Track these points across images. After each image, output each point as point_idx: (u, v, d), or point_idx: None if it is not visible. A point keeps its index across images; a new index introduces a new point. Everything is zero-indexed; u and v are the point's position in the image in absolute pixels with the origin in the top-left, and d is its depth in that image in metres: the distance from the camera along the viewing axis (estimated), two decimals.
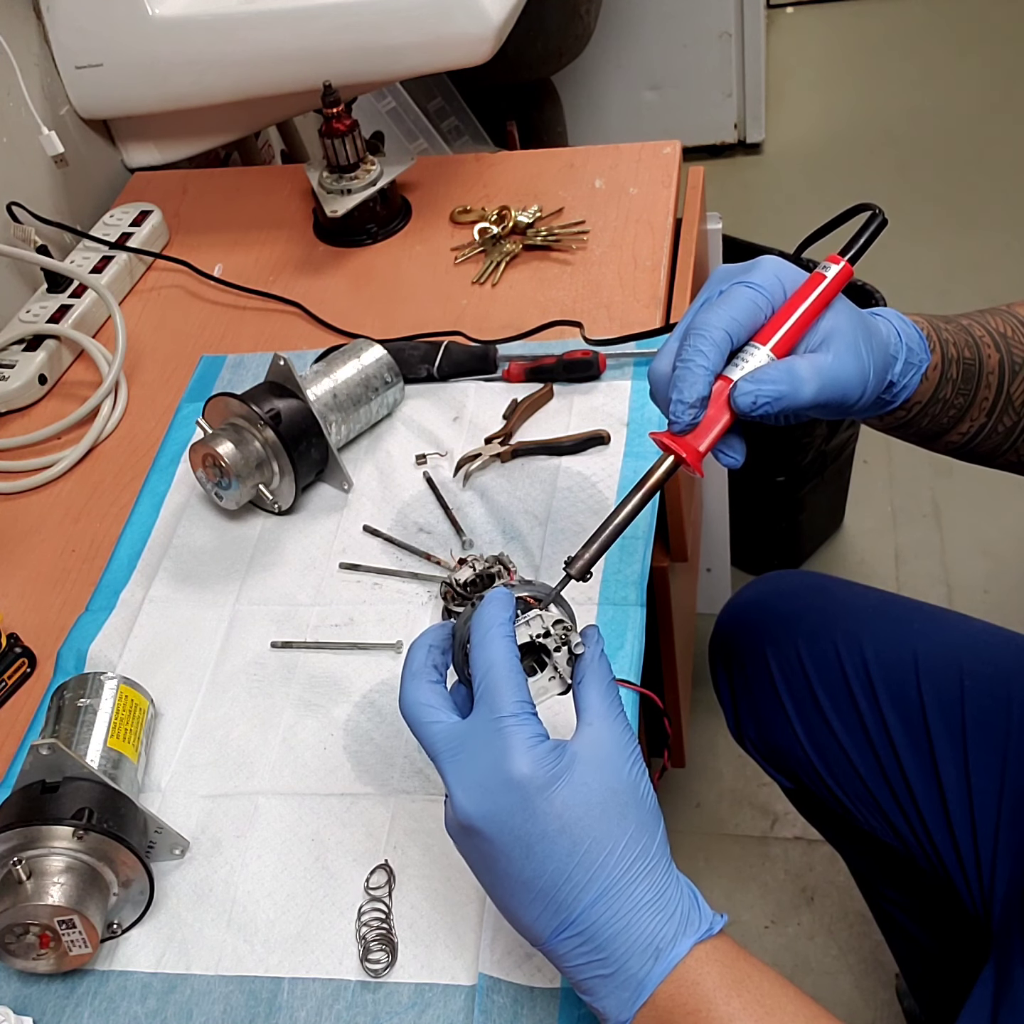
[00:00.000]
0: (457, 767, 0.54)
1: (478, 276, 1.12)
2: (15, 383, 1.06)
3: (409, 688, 0.57)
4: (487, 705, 0.54)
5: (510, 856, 0.53)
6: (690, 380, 0.60)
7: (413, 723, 0.56)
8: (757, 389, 0.60)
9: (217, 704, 0.82)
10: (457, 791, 0.53)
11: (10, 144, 1.19)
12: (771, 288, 0.62)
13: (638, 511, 0.61)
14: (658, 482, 0.62)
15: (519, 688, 0.54)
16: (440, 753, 0.55)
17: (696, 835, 1.55)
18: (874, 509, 1.90)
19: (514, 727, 0.53)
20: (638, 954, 0.52)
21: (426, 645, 0.59)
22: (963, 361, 0.71)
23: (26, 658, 0.85)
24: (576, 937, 0.53)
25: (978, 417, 0.73)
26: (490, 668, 0.55)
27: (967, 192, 2.48)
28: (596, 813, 0.53)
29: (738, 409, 0.60)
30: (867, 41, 3.01)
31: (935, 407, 0.71)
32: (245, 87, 1.21)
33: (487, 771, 0.53)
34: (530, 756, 0.52)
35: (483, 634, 0.56)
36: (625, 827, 0.53)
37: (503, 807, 0.52)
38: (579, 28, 2.03)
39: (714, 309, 0.61)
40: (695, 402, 0.60)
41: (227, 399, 0.90)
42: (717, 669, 1.07)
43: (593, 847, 0.52)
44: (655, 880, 0.53)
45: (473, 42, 1.13)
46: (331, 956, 0.68)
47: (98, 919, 0.66)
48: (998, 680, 0.90)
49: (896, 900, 1.10)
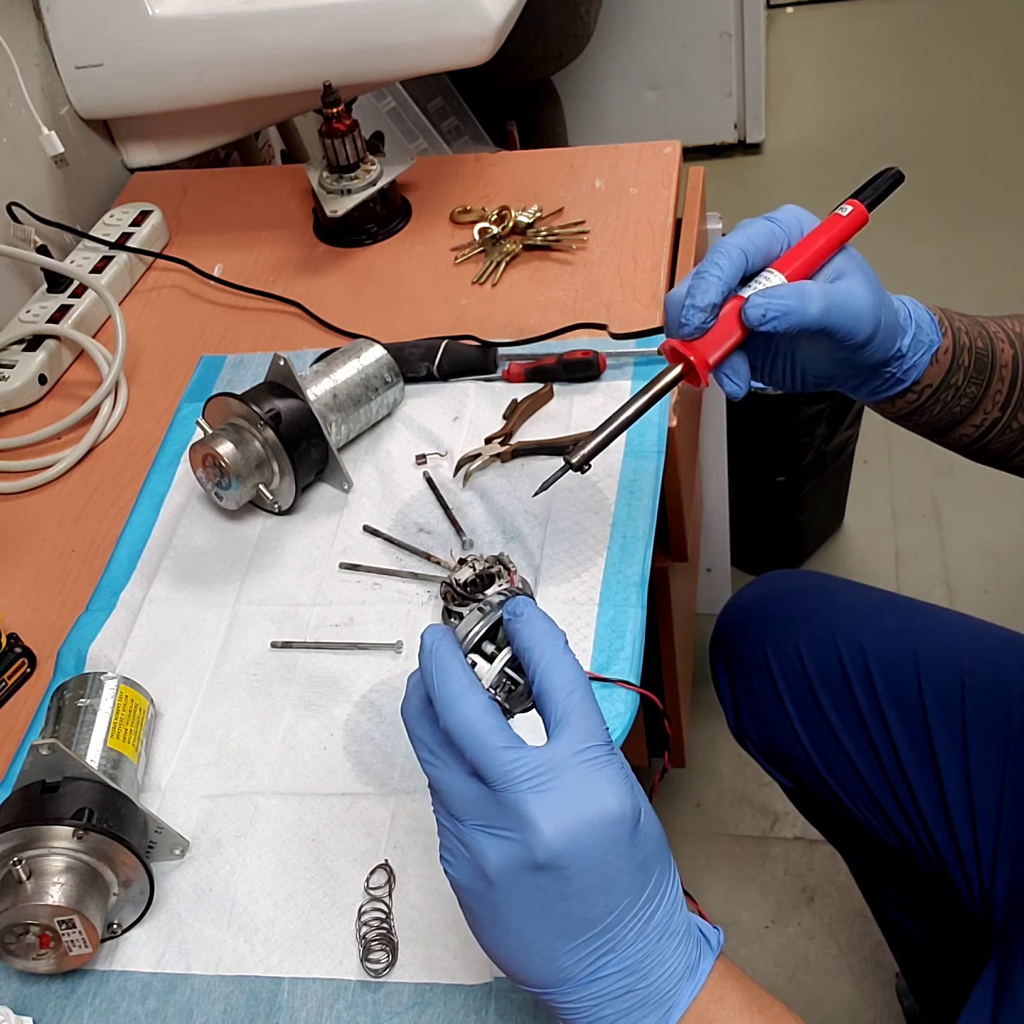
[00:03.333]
0: (546, 799, 0.49)
1: (478, 276, 1.12)
2: (15, 383, 1.06)
3: (468, 706, 0.51)
4: (577, 732, 0.50)
5: (587, 895, 0.49)
6: (703, 287, 0.64)
7: (479, 748, 0.50)
8: (768, 302, 0.63)
9: (217, 704, 0.82)
10: (546, 826, 0.48)
11: (10, 144, 1.19)
12: (788, 223, 0.67)
13: (642, 413, 0.63)
14: (665, 387, 0.64)
15: (602, 715, 0.52)
16: (519, 782, 0.49)
17: (696, 835, 1.56)
18: (874, 509, 1.90)
19: (607, 757, 0.50)
20: (679, 977, 0.52)
21: (458, 652, 0.54)
22: (975, 350, 0.72)
23: (26, 658, 0.85)
24: (623, 970, 0.51)
25: (992, 411, 0.73)
26: (572, 692, 0.51)
27: (967, 192, 2.48)
28: (658, 843, 0.52)
29: (748, 321, 0.64)
30: (867, 41, 3.01)
31: (947, 393, 0.71)
32: (245, 87, 1.21)
33: (585, 806, 0.49)
34: (625, 790, 0.50)
35: (554, 654, 0.52)
36: (669, 854, 0.53)
37: (599, 843, 0.49)
38: (579, 28, 2.03)
39: (734, 233, 0.65)
40: (706, 306, 0.64)
41: (227, 399, 0.90)
42: (717, 669, 1.07)
43: (659, 878, 0.51)
44: (682, 903, 0.53)
45: (473, 42, 1.13)
46: (331, 956, 0.68)
47: (98, 919, 0.66)
48: (998, 680, 0.90)
49: (896, 900, 1.10)
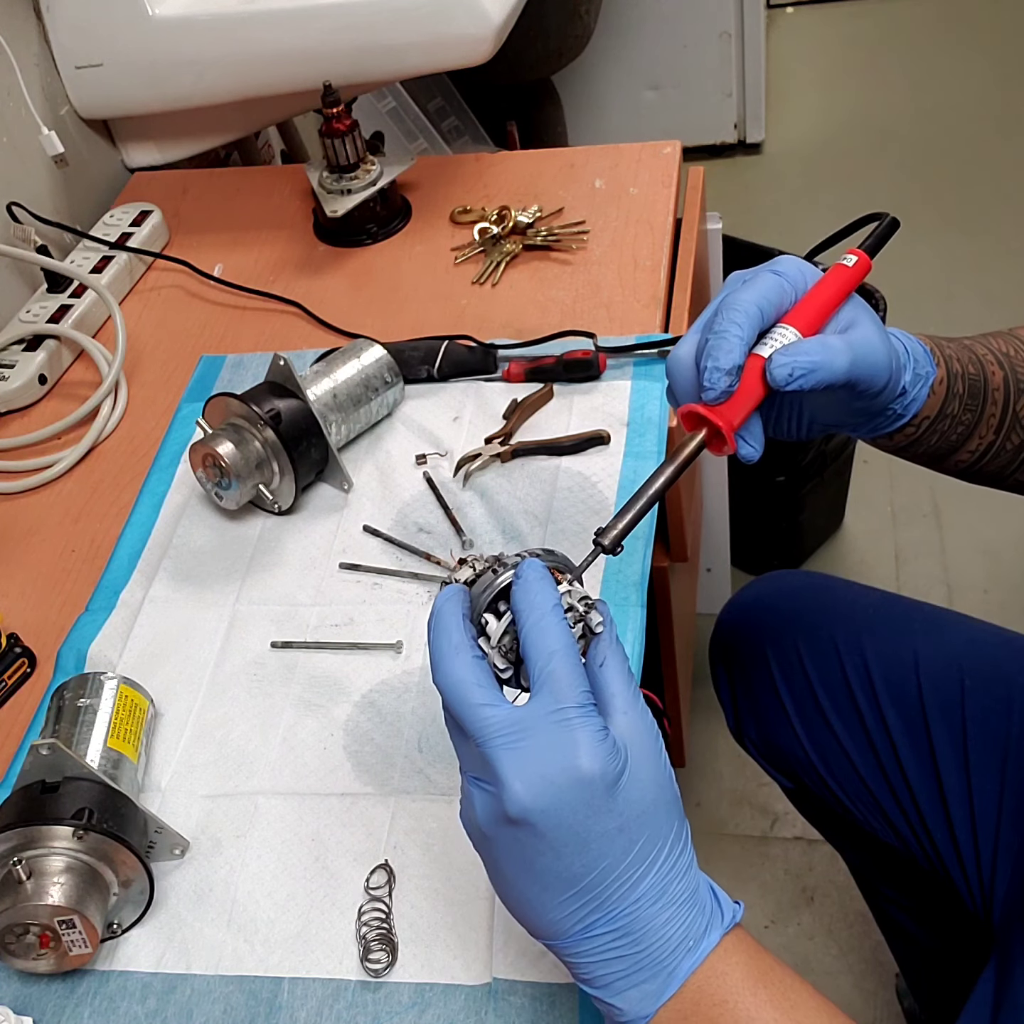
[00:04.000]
0: (516, 756, 0.51)
1: (478, 276, 1.12)
2: (15, 383, 1.06)
3: (453, 664, 0.53)
4: (551, 694, 0.51)
5: (560, 852, 0.51)
6: (726, 348, 0.60)
7: (459, 704, 0.52)
8: (793, 361, 0.60)
9: (217, 704, 0.82)
10: (515, 782, 0.50)
11: (10, 144, 1.19)
12: (794, 277, 0.64)
13: (671, 484, 0.61)
14: (691, 455, 0.61)
15: (583, 678, 0.52)
16: (492, 739, 0.51)
17: (696, 835, 1.53)
18: (874, 509, 1.90)
19: (582, 719, 0.51)
20: (675, 947, 0.52)
21: (458, 613, 0.55)
22: (968, 377, 0.71)
23: (26, 658, 0.85)
24: (611, 932, 0.52)
25: (986, 435, 0.73)
26: (552, 655, 0.52)
27: (967, 192, 2.48)
28: (651, 811, 0.52)
29: (774, 382, 0.61)
30: (867, 41, 3.01)
31: (943, 423, 0.71)
32: (245, 87, 1.21)
33: (553, 764, 0.50)
34: (599, 752, 0.51)
35: (540, 616, 0.53)
36: (671, 824, 0.53)
37: (567, 802, 0.50)
38: (579, 28, 2.03)
39: (744, 289, 0.62)
40: (731, 369, 0.60)
41: (227, 399, 0.90)
42: (717, 669, 1.07)
43: (646, 845, 0.52)
44: (692, 874, 0.53)
45: (473, 42, 1.12)
46: (331, 956, 0.68)
47: (98, 919, 0.66)
48: (998, 680, 0.90)
49: (896, 900, 1.10)
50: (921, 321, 0.78)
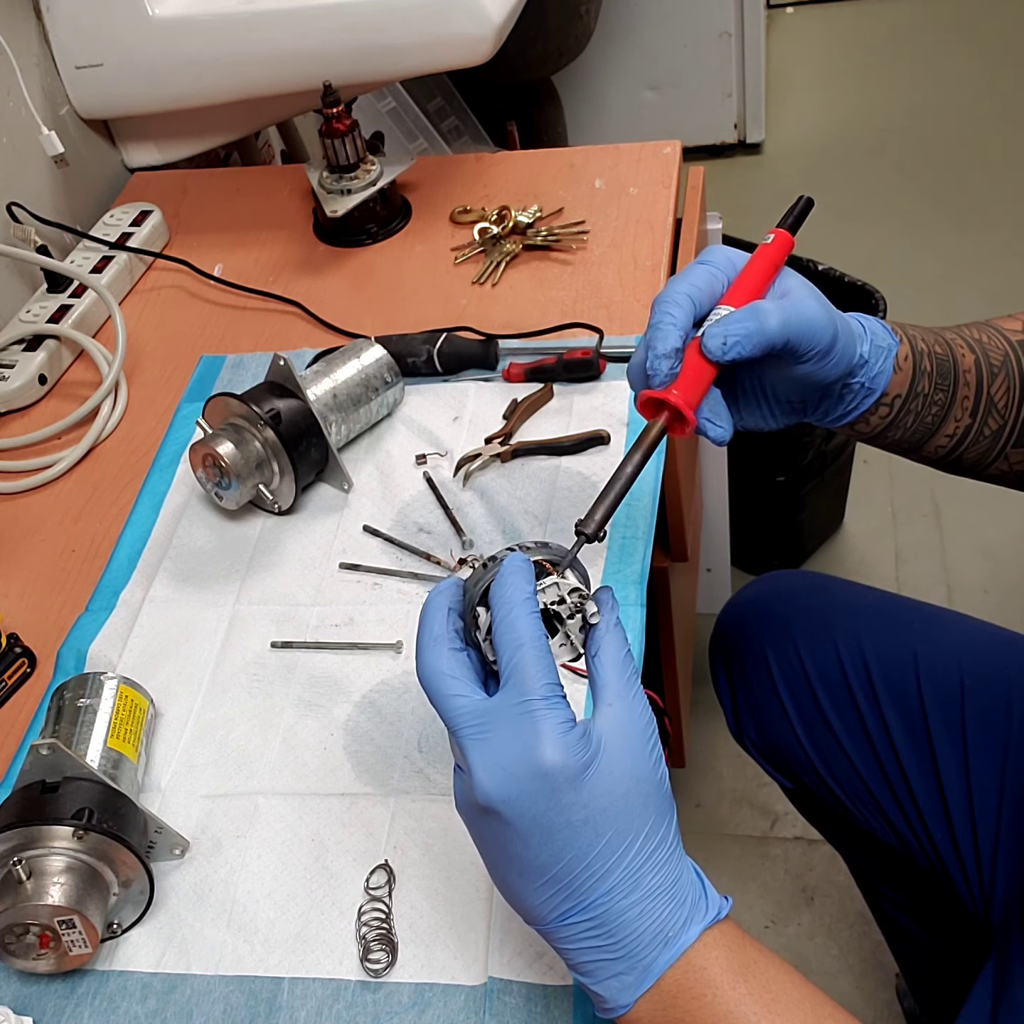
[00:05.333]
0: (481, 747, 0.52)
1: (478, 276, 1.12)
2: (15, 383, 1.06)
3: (430, 655, 0.55)
4: (516, 686, 0.52)
5: (527, 841, 0.52)
6: (660, 336, 0.63)
7: (433, 694, 0.54)
8: (724, 330, 0.63)
9: (217, 704, 0.82)
10: (479, 771, 0.51)
11: (10, 144, 1.19)
12: (722, 263, 0.67)
13: (639, 470, 0.62)
14: (655, 439, 0.63)
15: (549, 670, 0.53)
16: (462, 729, 0.53)
17: (696, 835, 1.56)
18: (874, 509, 1.91)
19: (544, 711, 0.51)
20: (648, 941, 0.52)
21: (444, 607, 0.56)
22: (935, 356, 0.72)
23: (26, 658, 0.85)
24: (586, 922, 0.52)
25: (962, 418, 0.74)
26: (519, 648, 0.53)
27: (967, 192, 2.49)
28: (620, 804, 0.52)
29: (710, 353, 0.63)
30: (867, 41, 3.01)
31: (916, 402, 0.72)
32: (245, 87, 1.21)
33: (514, 755, 0.51)
34: (560, 744, 0.51)
35: (508, 610, 0.54)
36: (646, 817, 0.53)
37: (527, 793, 0.51)
38: (579, 28, 2.03)
39: (673, 283, 0.65)
40: (669, 352, 0.63)
41: (227, 399, 0.90)
42: (717, 669, 1.07)
43: (615, 838, 0.52)
44: (671, 868, 0.53)
45: (473, 42, 1.13)
46: (331, 956, 0.68)
47: (98, 919, 0.66)
48: (998, 680, 0.90)
49: (896, 900, 1.10)
50: (920, 321, 0.78)
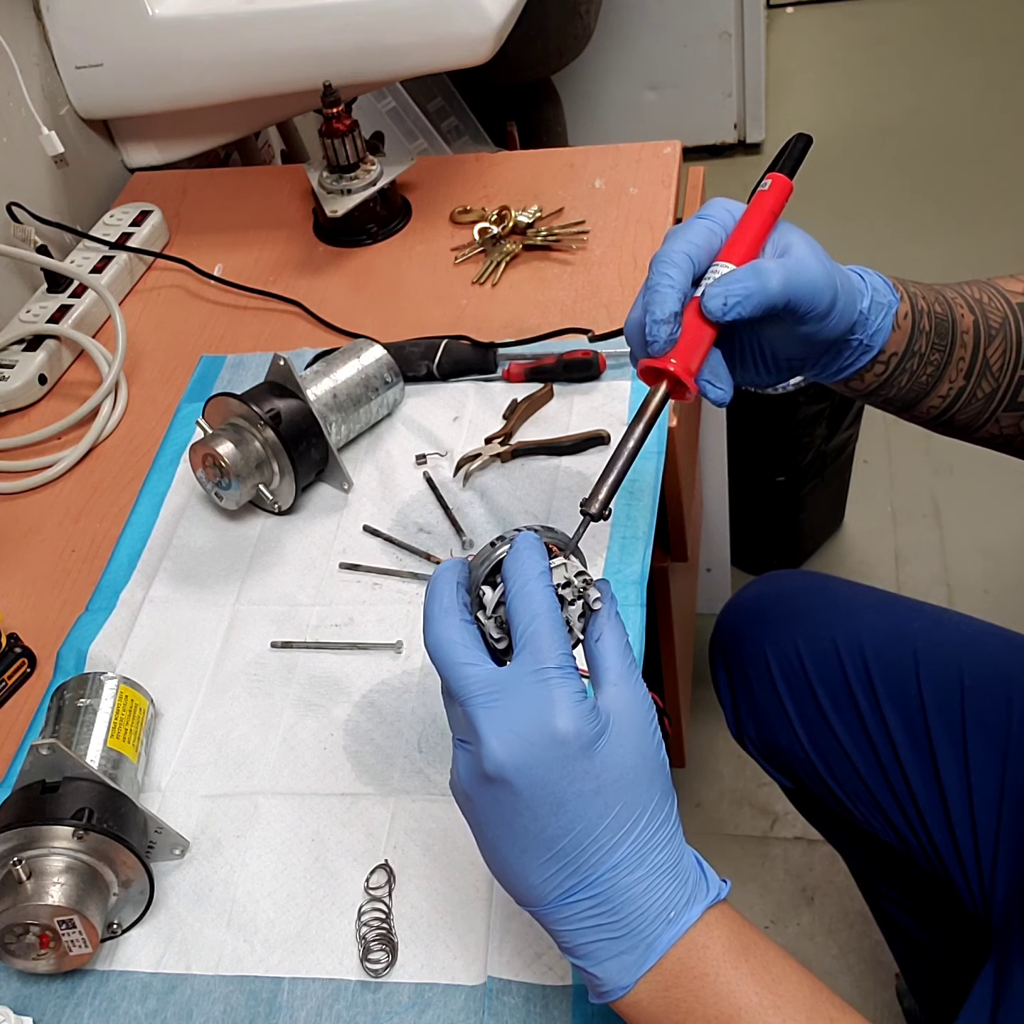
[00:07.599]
0: (493, 714, 0.51)
1: (478, 276, 1.12)
2: (15, 383, 1.06)
3: (441, 625, 0.54)
4: (532, 654, 0.52)
5: (537, 812, 0.51)
6: (659, 300, 0.62)
7: (444, 663, 0.54)
8: (725, 290, 0.62)
9: (217, 704, 0.82)
10: (491, 739, 0.51)
11: (10, 144, 1.19)
12: (720, 216, 0.65)
13: (642, 442, 0.61)
14: (657, 408, 0.62)
15: (564, 641, 0.53)
16: (473, 697, 0.52)
17: (696, 835, 1.55)
18: (874, 509, 1.91)
19: (560, 680, 0.51)
20: (652, 919, 0.52)
21: (453, 581, 0.56)
22: (935, 315, 0.71)
23: (26, 658, 0.85)
24: (590, 899, 0.52)
25: (956, 379, 0.73)
26: (534, 618, 0.53)
27: (967, 191, 2.49)
28: (630, 776, 0.52)
29: (710, 314, 0.62)
30: (867, 41, 3.01)
31: (912, 361, 0.71)
32: (245, 87, 1.21)
33: (529, 722, 0.51)
34: (576, 712, 0.51)
35: (524, 582, 0.54)
36: (652, 793, 0.53)
37: (541, 761, 0.51)
38: (579, 28, 2.03)
39: (670, 239, 0.64)
40: (668, 317, 0.61)
41: (227, 399, 0.90)
42: (717, 669, 1.07)
43: (623, 811, 0.52)
44: (674, 846, 0.53)
45: (473, 42, 1.12)
46: (331, 956, 0.68)
47: (98, 919, 0.66)
48: (998, 680, 0.90)
49: (896, 900, 1.10)
50: None
